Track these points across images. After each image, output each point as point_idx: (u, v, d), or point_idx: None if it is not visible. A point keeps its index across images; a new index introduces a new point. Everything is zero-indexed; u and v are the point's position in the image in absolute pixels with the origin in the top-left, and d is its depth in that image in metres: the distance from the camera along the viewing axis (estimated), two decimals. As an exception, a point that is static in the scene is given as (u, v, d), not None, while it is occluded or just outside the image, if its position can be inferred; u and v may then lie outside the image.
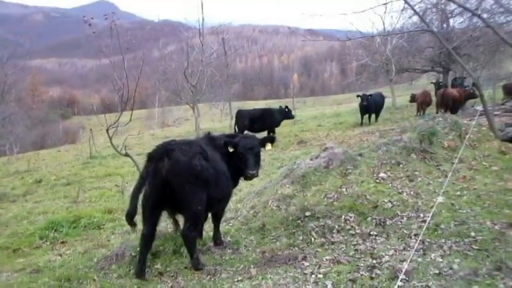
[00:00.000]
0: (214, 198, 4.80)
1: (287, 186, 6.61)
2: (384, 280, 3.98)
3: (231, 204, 6.78)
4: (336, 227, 5.39)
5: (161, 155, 4.51)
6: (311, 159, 7.21)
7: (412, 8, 11.27)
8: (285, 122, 19.15)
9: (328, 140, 15.39)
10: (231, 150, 5.13)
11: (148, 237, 4.66)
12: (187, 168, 4.46)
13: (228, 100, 28.73)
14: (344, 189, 6.14)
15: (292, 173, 6.93)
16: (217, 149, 5.10)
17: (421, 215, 5.40)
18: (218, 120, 37.00)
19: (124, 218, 4.69)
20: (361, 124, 18.90)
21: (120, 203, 9.20)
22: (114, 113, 9.07)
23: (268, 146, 5.51)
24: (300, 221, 5.63)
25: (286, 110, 18.24)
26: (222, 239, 5.56)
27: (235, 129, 17.35)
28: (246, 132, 15.99)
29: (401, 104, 25.84)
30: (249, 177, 5.18)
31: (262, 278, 4.41)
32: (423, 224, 4.95)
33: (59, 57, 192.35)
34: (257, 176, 5.18)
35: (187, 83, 20.96)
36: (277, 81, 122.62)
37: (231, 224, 6.20)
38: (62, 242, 7.04)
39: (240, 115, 17.38)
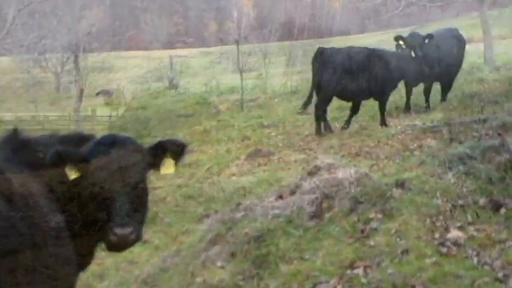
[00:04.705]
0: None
1: (218, 265, 6.27)
2: None
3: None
4: None
5: None
6: (279, 198, 6.94)
7: None
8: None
9: (322, 147, 13.12)
10: (71, 176, 4.25)
11: None
12: None
13: (73, 50, 26.42)
14: (360, 273, 5.41)
15: (231, 233, 6.57)
16: (35, 172, 4.34)
17: None
18: (50, 99, 34.72)
19: None
20: (408, 108, 16.20)
21: None
22: None
23: (169, 167, 4.63)
24: None
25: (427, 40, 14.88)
26: None
27: (310, 93, 14.93)
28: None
29: (508, 58, 23.78)
30: (116, 244, 4.25)
31: None
32: None
33: None
34: (138, 239, 4.39)
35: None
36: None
37: None
38: None
39: (324, 58, 14.58)
